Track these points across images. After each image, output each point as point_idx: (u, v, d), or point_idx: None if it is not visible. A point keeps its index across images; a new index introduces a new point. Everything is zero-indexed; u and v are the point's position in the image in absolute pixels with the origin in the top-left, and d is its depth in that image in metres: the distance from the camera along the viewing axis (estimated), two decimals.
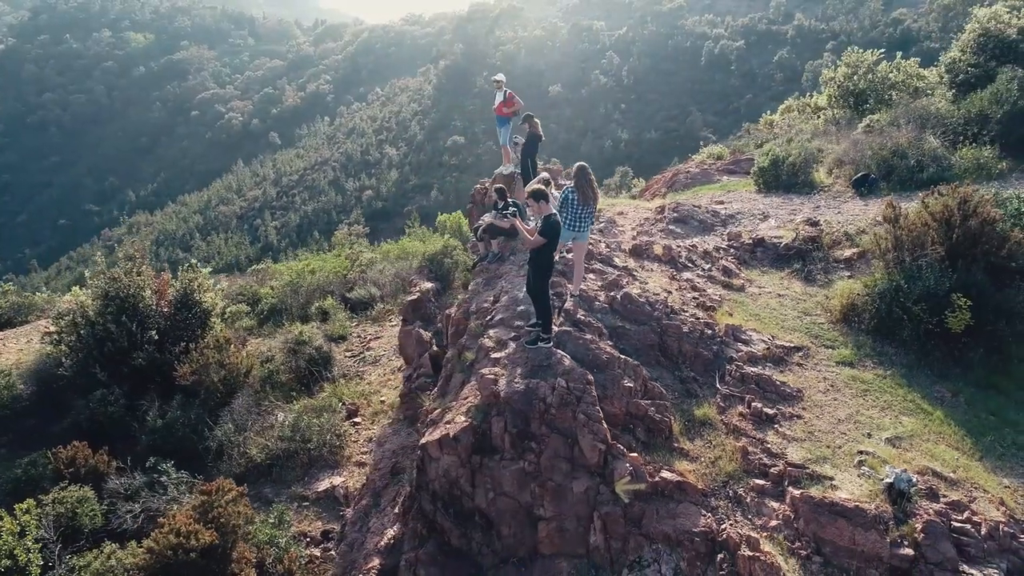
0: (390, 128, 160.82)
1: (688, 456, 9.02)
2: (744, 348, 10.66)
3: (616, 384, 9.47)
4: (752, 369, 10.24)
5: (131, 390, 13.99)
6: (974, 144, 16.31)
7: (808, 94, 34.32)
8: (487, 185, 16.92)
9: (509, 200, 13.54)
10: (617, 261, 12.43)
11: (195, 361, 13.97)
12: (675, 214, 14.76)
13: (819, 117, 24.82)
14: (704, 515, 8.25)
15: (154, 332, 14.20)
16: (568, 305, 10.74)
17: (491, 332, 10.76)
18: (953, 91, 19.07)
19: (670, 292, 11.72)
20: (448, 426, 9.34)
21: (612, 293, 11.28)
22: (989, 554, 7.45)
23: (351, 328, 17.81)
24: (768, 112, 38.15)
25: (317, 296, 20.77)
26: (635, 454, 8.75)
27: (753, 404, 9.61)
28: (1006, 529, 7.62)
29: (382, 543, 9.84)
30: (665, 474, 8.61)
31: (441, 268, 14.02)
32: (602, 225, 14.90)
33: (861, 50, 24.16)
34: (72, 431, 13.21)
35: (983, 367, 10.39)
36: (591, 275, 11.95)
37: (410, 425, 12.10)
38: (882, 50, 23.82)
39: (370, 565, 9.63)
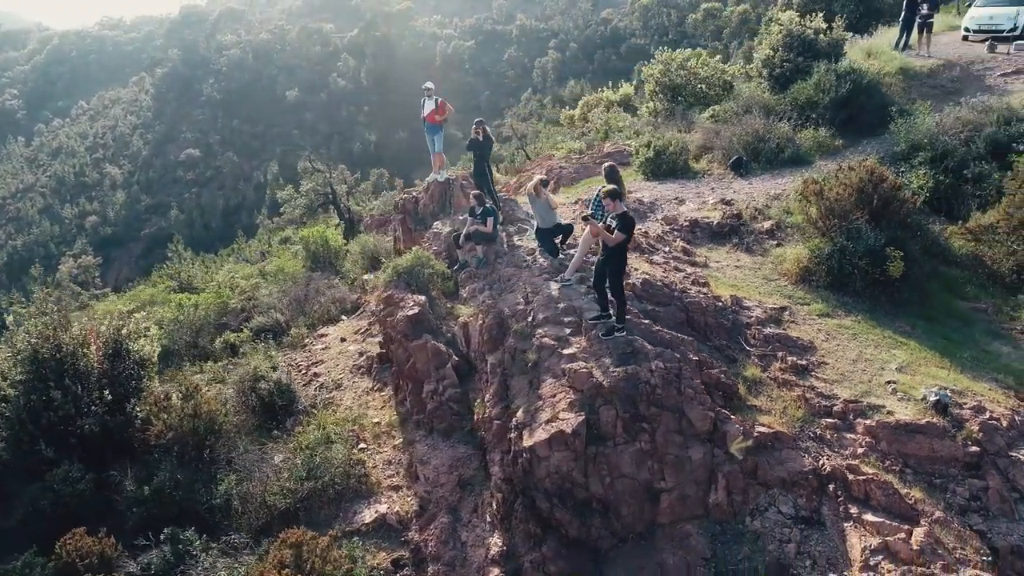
0: (107, 145, 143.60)
1: (761, 411, 10.30)
2: (752, 314, 12.24)
3: (687, 359, 10.48)
4: (769, 330, 11.84)
5: (79, 461, 12.07)
6: (808, 127, 19.68)
7: (600, 89, 37.77)
8: (416, 195, 16.86)
9: (487, 205, 13.89)
10: None
11: (160, 415, 12.44)
12: None
13: (641, 111, 27.69)
14: (803, 456, 9.60)
15: (107, 392, 12.31)
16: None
17: (540, 331, 11.19)
18: (769, 83, 22.60)
19: (665, 274, 12.95)
20: (555, 424, 9.69)
21: (628, 280, 12.21)
22: (1015, 439, 9.68)
23: (278, 358, 16.68)
24: (567, 108, 41.14)
25: (207, 331, 19.02)
26: (733, 416, 9.87)
27: (787, 359, 11.18)
28: (1019, 419, 9.92)
29: (492, 553, 9.87)
30: (760, 428, 9.81)
31: (420, 279, 13.85)
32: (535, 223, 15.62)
33: (670, 50, 27.38)
34: (35, 521, 11.12)
35: (917, 304, 13.01)
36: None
37: (446, 438, 12.01)
38: (690, 48, 27.22)
39: None
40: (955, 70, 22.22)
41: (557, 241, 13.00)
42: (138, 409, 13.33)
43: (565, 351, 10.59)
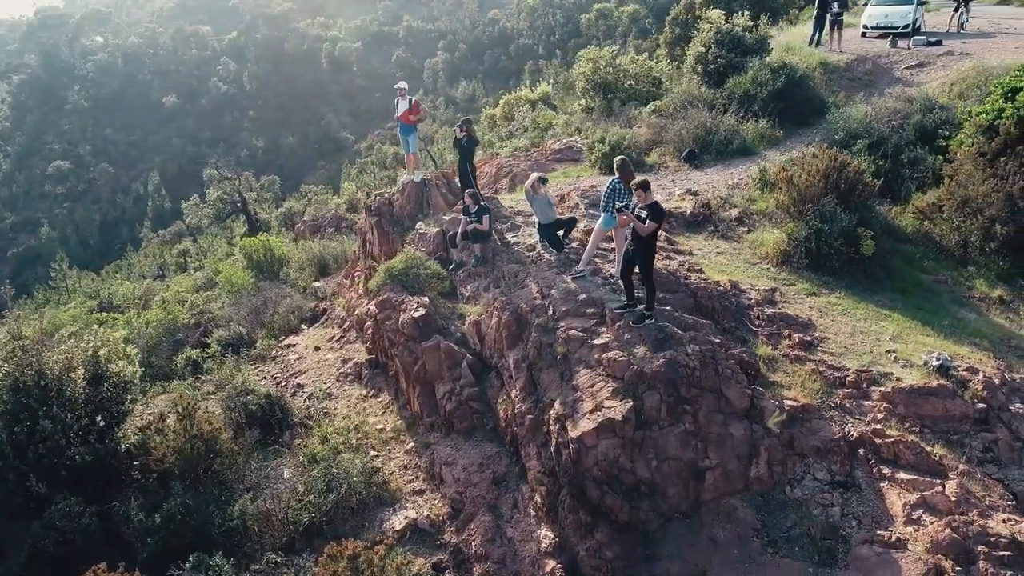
0: None
1: (782, 385, 10.86)
2: (749, 296, 12.83)
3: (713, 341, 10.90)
4: (770, 310, 12.46)
5: (73, 495, 11.18)
6: (748, 119, 20.76)
7: (519, 88, 38.23)
8: (389, 196, 16.55)
9: (482, 203, 13.87)
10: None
11: (154, 439, 11.71)
12: (586, 200, 16.32)
13: (573, 107, 28.25)
14: (831, 424, 10.21)
15: (99, 418, 11.43)
16: (622, 285, 11.77)
17: (564, 324, 11.33)
18: (704, 78, 23.62)
19: (661, 263, 13.36)
20: (601, 412, 9.88)
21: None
22: (1008, 395, 10.67)
23: (250, 372, 15.97)
24: (488, 107, 41.31)
25: (161, 349, 17.95)
26: (765, 392, 10.36)
27: (793, 336, 11.82)
28: (1008, 376, 10.94)
29: (543, 546, 9.93)
30: (789, 402, 10.35)
31: (417, 281, 13.62)
32: (520, 220, 15.75)
33: (599, 48, 28.08)
34: (39, 563, 10.20)
35: (888, 279, 14.03)
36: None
37: (467, 438, 11.91)
38: (616, 47, 27.99)
39: (548, 570, 9.69)
40: (867, 64, 24.04)
41: (560, 235, 13.15)
42: (121, 435, 12.53)
43: (596, 342, 10.78)
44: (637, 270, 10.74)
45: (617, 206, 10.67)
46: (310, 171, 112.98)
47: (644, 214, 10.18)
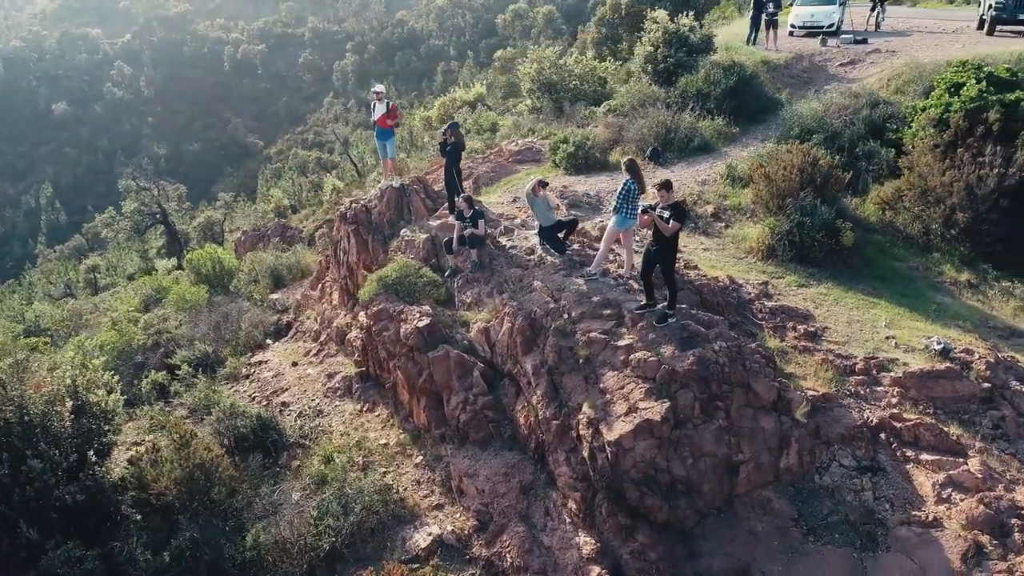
0: None
1: (797, 376, 11.11)
2: (748, 291, 13.08)
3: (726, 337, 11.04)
4: (770, 304, 12.74)
5: (67, 537, 10.27)
6: (704, 117, 21.21)
7: (451, 89, 37.85)
8: (366, 203, 15.99)
9: (476, 207, 13.60)
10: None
11: (149, 470, 10.90)
12: (566, 200, 16.28)
13: (519, 108, 28.18)
14: (851, 411, 10.53)
15: (91, 453, 10.51)
16: (634, 285, 11.79)
17: (582, 327, 11.25)
18: (653, 77, 23.99)
19: None
20: (638, 414, 9.85)
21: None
22: (1005, 373, 11.27)
23: (224, 391, 15.13)
24: (423, 108, 40.68)
25: (121, 374, 16.74)
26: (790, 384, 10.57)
27: (798, 328, 12.12)
28: (1001, 356, 11.55)
29: (585, 552, 9.80)
30: (810, 392, 10.61)
31: (412, 290, 13.18)
32: (507, 223, 15.53)
33: (542, 48, 28.11)
34: None
35: (865, 268, 14.60)
36: None
37: (483, 448, 11.63)
38: (559, 47, 28.12)
39: None
40: (804, 62, 24.99)
41: (560, 236, 13.05)
42: (105, 470, 11.65)
43: (619, 343, 10.74)
44: (657, 270, 10.77)
45: (642, 207, 10.66)
46: (218, 178, 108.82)
47: (667, 214, 10.22)
